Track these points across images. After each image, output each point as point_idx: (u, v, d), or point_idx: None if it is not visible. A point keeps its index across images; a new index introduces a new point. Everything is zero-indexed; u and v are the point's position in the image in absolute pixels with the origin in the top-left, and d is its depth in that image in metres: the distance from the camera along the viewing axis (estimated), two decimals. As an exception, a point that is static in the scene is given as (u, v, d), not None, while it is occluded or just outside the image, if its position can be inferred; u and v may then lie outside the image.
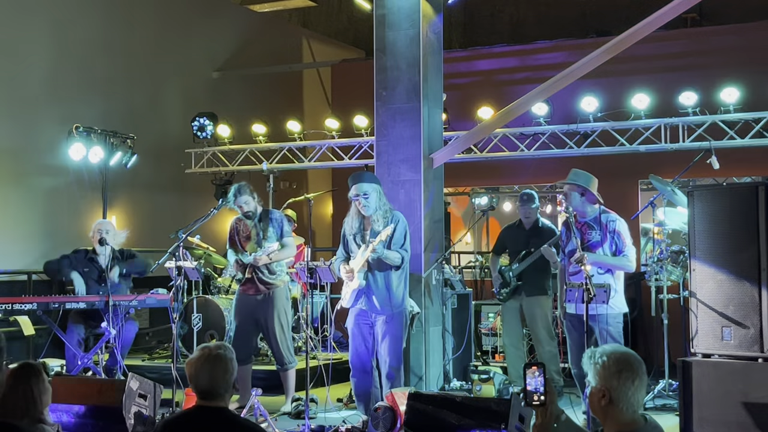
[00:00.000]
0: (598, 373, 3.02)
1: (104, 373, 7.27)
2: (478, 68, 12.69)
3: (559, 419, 3.01)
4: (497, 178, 12.49)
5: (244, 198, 7.11)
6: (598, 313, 6.12)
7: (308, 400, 6.36)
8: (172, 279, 6.81)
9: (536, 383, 2.97)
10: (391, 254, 6.38)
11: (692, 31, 12.17)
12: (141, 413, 5.76)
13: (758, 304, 5.59)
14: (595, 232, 6.43)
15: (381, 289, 6.44)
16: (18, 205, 9.74)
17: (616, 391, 2.98)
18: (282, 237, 7.15)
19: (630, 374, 2.99)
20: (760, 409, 5.44)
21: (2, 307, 7.18)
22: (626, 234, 6.44)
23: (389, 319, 6.42)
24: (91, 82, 10.58)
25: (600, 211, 6.49)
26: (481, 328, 9.11)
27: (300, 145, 11.24)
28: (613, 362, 3.01)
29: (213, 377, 3.50)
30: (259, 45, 13.26)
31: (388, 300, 6.43)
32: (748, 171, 10.27)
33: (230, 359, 3.56)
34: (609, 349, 3.08)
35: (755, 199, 5.65)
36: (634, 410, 3.01)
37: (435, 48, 7.83)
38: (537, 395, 2.97)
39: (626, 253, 6.38)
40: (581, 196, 6.46)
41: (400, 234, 6.44)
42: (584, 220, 6.51)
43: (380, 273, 6.45)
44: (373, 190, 6.45)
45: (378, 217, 6.44)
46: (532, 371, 2.99)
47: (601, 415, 3.04)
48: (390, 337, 6.42)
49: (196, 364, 3.54)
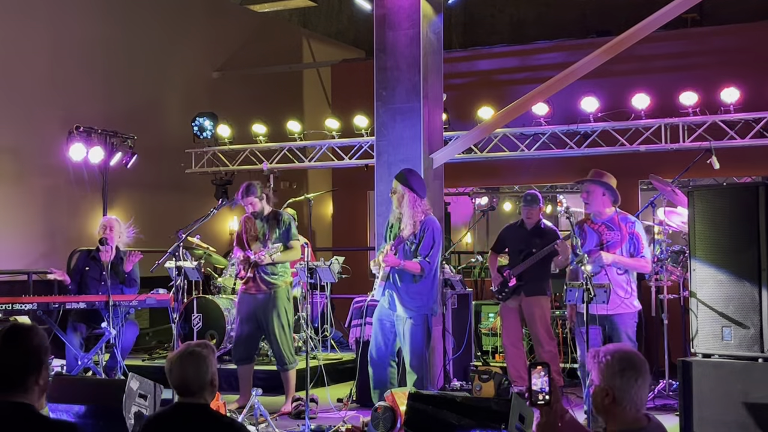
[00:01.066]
0: (601, 372, 3.04)
1: (104, 373, 7.27)
2: (478, 68, 12.69)
3: (563, 418, 3.01)
4: (497, 178, 12.49)
5: (250, 199, 7.09)
6: (617, 313, 6.21)
7: (308, 400, 6.36)
8: (172, 279, 6.82)
9: (541, 383, 2.98)
10: (410, 265, 6.34)
11: (692, 31, 12.17)
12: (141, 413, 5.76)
13: (758, 304, 5.59)
14: (614, 232, 6.43)
15: (401, 290, 6.42)
16: (18, 205, 9.74)
17: (620, 390, 2.99)
18: (289, 240, 7.15)
19: (633, 373, 3.01)
20: (760, 409, 5.44)
21: (2, 307, 7.18)
22: (644, 236, 6.50)
23: (407, 321, 6.39)
24: (91, 82, 10.59)
25: (616, 212, 6.50)
26: (481, 328, 9.10)
27: (300, 145, 11.24)
28: (616, 361, 3.02)
29: (186, 374, 3.50)
30: (259, 45, 13.26)
31: (408, 302, 6.40)
32: (748, 171, 10.27)
33: (205, 356, 3.55)
34: (613, 348, 3.10)
35: (755, 199, 5.64)
36: (638, 409, 3.02)
37: (435, 48, 7.84)
38: (542, 395, 2.98)
39: (644, 254, 6.44)
40: (602, 195, 6.48)
41: (426, 243, 6.37)
42: (602, 221, 6.49)
43: (402, 275, 6.42)
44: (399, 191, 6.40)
45: (406, 222, 6.37)
46: (538, 371, 3.00)
47: (604, 414, 3.05)
48: (409, 337, 6.39)
49: (171, 361, 3.57)
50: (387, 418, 5.85)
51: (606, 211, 6.51)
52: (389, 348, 6.56)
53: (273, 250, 6.93)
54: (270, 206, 7.24)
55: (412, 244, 6.38)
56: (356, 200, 13.11)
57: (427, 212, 6.47)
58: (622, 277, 6.40)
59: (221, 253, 9.95)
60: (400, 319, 6.44)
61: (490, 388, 7.22)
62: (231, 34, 12.91)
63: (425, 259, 6.36)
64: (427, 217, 6.43)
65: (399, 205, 6.44)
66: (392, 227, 6.58)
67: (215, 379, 3.59)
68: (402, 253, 6.40)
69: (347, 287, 9.67)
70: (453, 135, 9.68)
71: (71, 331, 7.55)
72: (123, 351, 7.38)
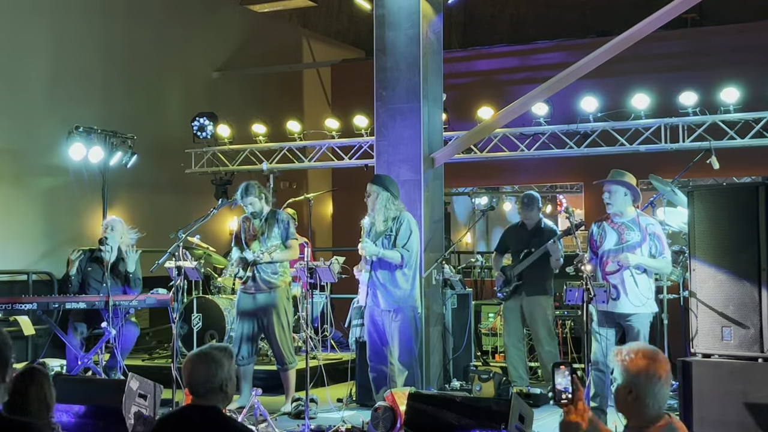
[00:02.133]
0: (626, 370, 3.10)
1: (104, 373, 7.27)
2: (478, 68, 12.69)
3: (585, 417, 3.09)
4: (497, 178, 12.49)
5: (249, 199, 7.12)
6: (635, 312, 6.22)
7: (308, 400, 6.36)
8: (172, 279, 6.81)
9: (565, 382, 3.05)
10: (389, 253, 6.55)
11: (692, 31, 12.16)
12: (141, 413, 5.77)
13: (758, 304, 5.59)
14: (634, 233, 6.38)
15: (384, 285, 6.60)
16: (18, 205, 9.74)
17: (643, 388, 3.06)
18: (287, 239, 7.16)
19: (657, 371, 3.08)
20: (760, 409, 5.44)
21: (2, 307, 7.19)
22: (664, 237, 6.47)
23: (395, 315, 6.54)
24: (91, 82, 10.58)
25: (637, 213, 6.47)
26: (481, 328, 9.10)
27: (300, 145, 11.24)
28: (640, 359, 3.09)
29: (203, 375, 3.51)
30: (259, 45, 13.26)
31: (391, 296, 6.56)
32: (748, 171, 10.27)
33: (222, 360, 3.55)
34: (636, 346, 3.15)
35: (755, 199, 5.64)
36: (660, 407, 3.10)
37: (435, 48, 7.84)
38: (565, 394, 3.05)
39: (665, 255, 6.41)
40: (624, 195, 6.46)
41: (403, 234, 6.59)
42: (621, 221, 6.44)
43: (382, 270, 6.61)
44: (374, 192, 6.70)
45: (378, 219, 6.64)
46: (562, 371, 3.07)
47: (627, 411, 3.13)
48: (397, 332, 6.52)
49: (189, 362, 3.57)
50: (387, 418, 5.85)
51: (628, 211, 6.46)
52: (385, 346, 6.62)
53: (272, 248, 6.95)
54: (269, 206, 7.25)
55: (390, 236, 6.59)
56: (356, 200, 13.04)
57: (402, 210, 6.73)
58: (642, 277, 6.34)
59: (221, 253, 9.95)
60: (386, 314, 6.61)
61: (490, 388, 7.22)
62: (231, 34, 12.91)
63: (403, 248, 6.57)
64: (403, 212, 6.71)
65: (373, 207, 6.71)
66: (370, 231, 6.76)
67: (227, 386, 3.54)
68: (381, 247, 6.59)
69: (347, 287, 9.66)
70: (453, 135, 9.68)
71: (71, 331, 7.55)
72: (123, 351, 7.38)
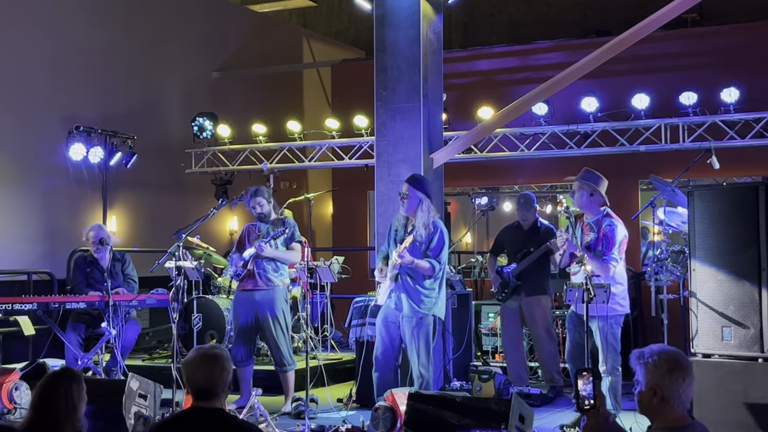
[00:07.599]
0: (649, 372, 3.12)
1: (104, 373, 7.28)
2: (478, 68, 12.69)
3: (608, 421, 3.13)
4: (497, 178, 12.48)
5: (258, 199, 7.14)
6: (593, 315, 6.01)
7: (308, 400, 6.36)
8: (172, 279, 6.81)
9: (588, 389, 3.10)
10: (421, 263, 6.35)
11: (692, 31, 12.17)
12: (141, 413, 5.77)
13: (758, 304, 5.59)
14: (593, 233, 6.40)
15: (410, 292, 6.40)
16: (18, 205, 9.74)
17: (668, 389, 3.09)
18: (291, 241, 7.18)
19: (681, 373, 3.11)
20: (760, 409, 5.45)
21: (2, 307, 7.19)
22: (617, 241, 6.24)
23: (417, 322, 6.38)
24: (91, 82, 10.58)
25: (603, 214, 6.45)
26: (481, 328, 9.10)
27: (300, 145, 11.25)
28: (664, 361, 3.12)
29: (209, 377, 3.49)
30: (259, 45, 13.26)
31: (416, 303, 6.39)
32: (748, 171, 10.27)
33: (226, 359, 3.55)
34: (658, 348, 3.18)
35: (755, 199, 5.65)
36: (684, 407, 3.12)
37: (435, 48, 7.84)
38: (588, 400, 3.10)
39: (611, 256, 6.21)
40: (590, 195, 6.43)
41: (437, 244, 6.39)
42: (588, 221, 6.48)
43: (411, 277, 6.42)
44: (416, 197, 6.43)
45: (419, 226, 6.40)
46: (585, 377, 3.12)
47: (651, 413, 3.15)
48: (416, 339, 6.38)
49: (192, 364, 3.53)
50: (387, 418, 5.85)
51: (594, 212, 6.45)
52: (396, 350, 6.55)
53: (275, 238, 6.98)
54: (275, 214, 7.27)
55: (422, 245, 6.39)
56: (356, 200, 13.11)
57: (436, 216, 6.53)
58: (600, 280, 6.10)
59: (221, 253, 9.95)
60: (407, 319, 6.42)
61: (490, 388, 7.22)
62: (231, 34, 12.91)
63: (435, 258, 6.39)
64: (435, 221, 6.49)
65: (411, 210, 6.46)
66: (397, 231, 6.59)
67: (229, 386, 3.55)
68: (413, 254, 6.38)
69: (347, 287, 9.67)
70: (453, 135, 9.68)
71: (71, 331, 7.56)
72: (124, 349, 7.40)
